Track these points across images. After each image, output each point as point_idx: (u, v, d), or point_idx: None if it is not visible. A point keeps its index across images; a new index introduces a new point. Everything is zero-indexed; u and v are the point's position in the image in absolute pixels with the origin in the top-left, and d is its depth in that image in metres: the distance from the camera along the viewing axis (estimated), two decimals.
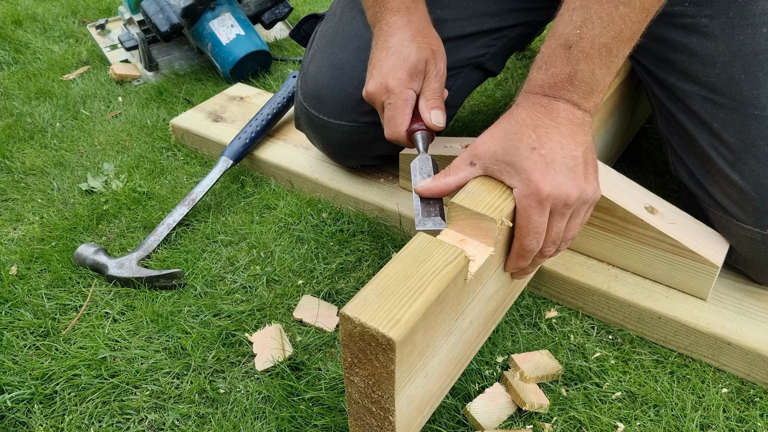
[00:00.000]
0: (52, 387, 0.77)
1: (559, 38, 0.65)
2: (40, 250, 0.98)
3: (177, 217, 1.01)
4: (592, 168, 0.66)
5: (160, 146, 1.24)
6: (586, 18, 0.64)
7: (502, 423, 0.73)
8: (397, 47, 0.80)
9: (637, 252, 0.83)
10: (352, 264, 0.96)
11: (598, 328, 0.86)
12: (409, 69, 0.78)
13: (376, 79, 0.79)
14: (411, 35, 0.80)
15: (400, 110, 0.78)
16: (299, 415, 0.74)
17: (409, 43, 0.79)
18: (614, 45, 0.64)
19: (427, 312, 0.54)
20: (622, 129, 1.04)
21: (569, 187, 0.63)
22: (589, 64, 0.64)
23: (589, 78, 0.65)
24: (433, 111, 0.78)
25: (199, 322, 0.86)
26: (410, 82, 0.78)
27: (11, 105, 1.37)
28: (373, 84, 0.80)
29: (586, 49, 0.64)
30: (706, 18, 0.80)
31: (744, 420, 0.74)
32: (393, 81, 0.78)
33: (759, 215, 0.78)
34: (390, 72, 0.79)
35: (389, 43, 0.80)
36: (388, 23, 0.82)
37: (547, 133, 0.64)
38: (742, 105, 0.78)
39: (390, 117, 0.79)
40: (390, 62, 0.79)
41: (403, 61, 0.79)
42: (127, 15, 1.54)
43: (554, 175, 0.62)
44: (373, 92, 0.80)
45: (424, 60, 0.79)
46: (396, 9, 0.82)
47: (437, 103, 0.79)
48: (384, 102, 0.79)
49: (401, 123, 0.79)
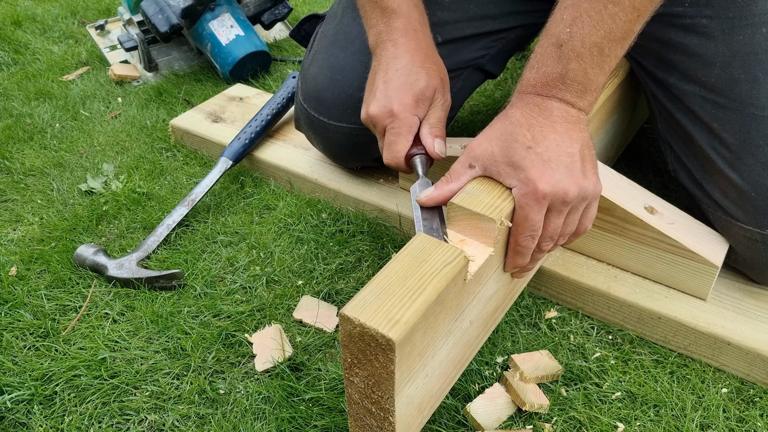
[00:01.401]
0: (52, 388, 0.77)
1: (551, 37, 0.66)
2: (40, 250, 0.98)
3: (177, 218, 1.01)
4: (590, 164, 0.66)
5: (160, 147, 1.24)
6: (576, 16, 0.64)
7: (502, 423, 0.73)
8: (405, 71, 0.77)
9: (636, 252, 0.83)
10: (351, 264, 0.96)
11: (597, 328, 0.86)
12: (416, 95, 0.76)
13: (380, 102, 0.77)
14: (420, 60, 0.78)
15: (403, 136, 0.76)
16: (299, 416, 0.74)
17: (418, 68, 0.77)
18: (605, 44, 0.65)
19: (426, 312, 0.54)
20: (622, 129, 1.05)
21: (567, 185, 0.63)
22: (580, 63, 0.65)
23: (581, 77, 0.65)
24: (436, 139, 0.77)
25: (199, 323, 0.86)
26: (416, 108, 0.76)
27: (11, 106, 1.37)
28: (377, 107, 0.77)
29: (576, 48, 0.64)
30: (705, 18, 0.80)
31: (744, 420, 0.74)
32: (399, 106, 0.75)
33: (758, 215, 0.78)
34: (395, 96, 0.76)
35: (395, 65, 0.78)
36: (395, 44, 0.79)
37: (542, 132, 0.64)
38: (741, 105, 0.78)
39: (391, 142, 0.76)
40: (396, 86, 0.76)
41: (410, 87, 0.76)
42: (126, 16, 1.54)
43: (551, 173, 0.63)
44: (375, 115, 0.77)
45: (433, 88, 0.77)
46: (404, 31, 0.79)
47: (441, 132, 0.78)
48: (387, 126, 0.77)
49: (403, 149, 0.76)
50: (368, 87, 0.80)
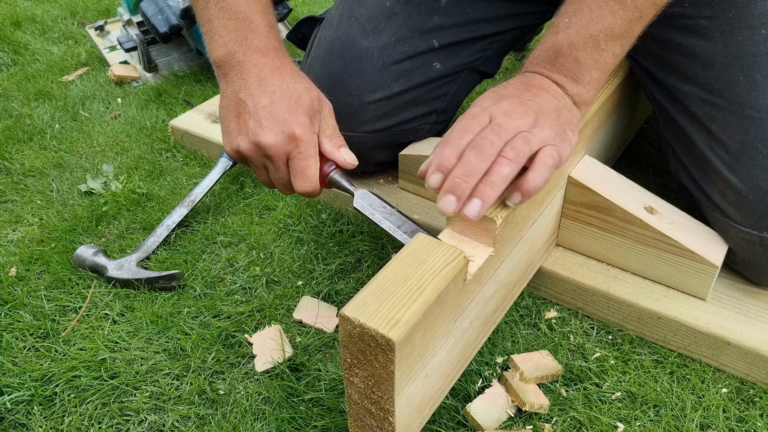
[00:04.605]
0: (52, 388, 0.77)
1: (552, 27, 0.70)
2: (40, 251, 0.98)
3: (176, 219, 1.01)
4: (547, 118, 0.64)
5: (160, 147, 1.24)
6: (577, 9, 0.68)
7: (502, 423, 0.73)
8: (283, 91, 0.71)
9: (636, 252, 0.84)
10: (351, 265, 0.96)
11: (597, 328, 0.86)
12: (307, 112, 0.71)
13: (274, 129, 0.69)
14: (290, 76, 0.73)
15: (313, 158, 0.71)
16: (299, 416, 0.74)
17: (294, 84, 0.72)
18: (602, 38, 0.67)
19: (426, 312, 0.54)
20: (622, 129, 1.05)
21: (510, 107, 0.64)
22: (572, 50, 0.67)
23: (571, 63, 0.68)
24: (342, 149, 0.74)
25: (199, 324, 0.86)
26: (312, 125, 0.72)
27: (10, 106, 1.37)
28: (272, 135, 0.69)
29: (571, 36, 0.67)
30: (705, 19, 0.80)
31: (744, 420, 0.74)
32: (299, 128, 0.70)
33: (756, 218, 0.78)
34: (291, 119, 0.70)
35: (267, 88, 0.71)
36: (257, 65, 0.72)
37: (507, 86, 0.68)
38: (740, 107, 0.78)
39: (303, 168, 0.71)
40: (283, 108, 0.70)
41: (299, 105, 0.71)
42: (126, 16, 1.54)
43: (503, 100, 0.65)
44: (273, 144, 0.69)
45: (317, 99, 0.74)
46: (264, 50, 0.73)
47: (342, 141, 0.75)
48: (291, 152, 0.70)
49: (317, 172, 0.72)
50: (234, 117, 0.72)
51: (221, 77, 0.74)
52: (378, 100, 0.92)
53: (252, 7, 0.73)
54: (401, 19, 0.92)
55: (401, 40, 0.91)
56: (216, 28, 0.73)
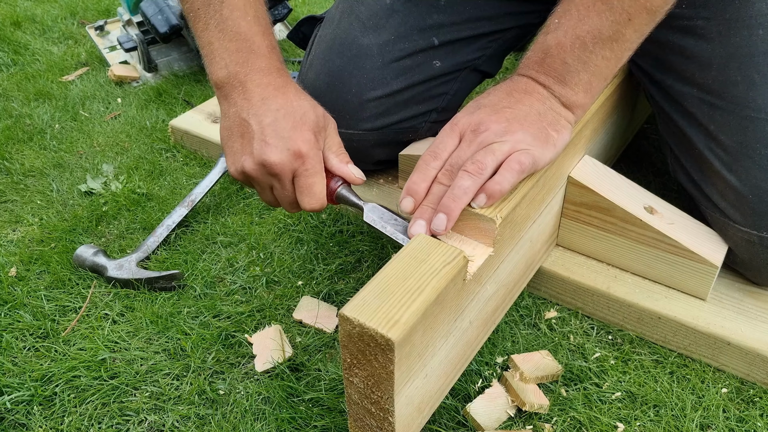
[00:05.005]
0: (52, 388, 0.77)
1: (543, 27, 0.70)
2: (40, 251, 0.98)
3: (176, 219, 1.01)
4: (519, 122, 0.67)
5: (160, 147, 1.24)
6: (567, 9, 0.68)
7: (502, 423, 0.73)
8: (287, 109, 0.70)
9: (636, 252, 0.84)
10: (351, 265, 0.96)
11: (597, 328, 0.86)
12: (313, 129, 0.71)
13: (279, 147, 0.68)
14: (293, 94, 0.72)
15: (320, 175, 0.71)
16: (299, 416, 0.74)
17: (299, 102, 0.72)
18: (588, 39, 0.67)
19: (426, 312, 0.54)
20: (622, 129, 1.05)
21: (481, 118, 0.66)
22: (560, 50, 0.68)
23: (559, 65, 0.68)
24: (349, 165, 0.74)
25: (199, 324, 0.86)
26: (318, 142, 0.71)
27: (10, 106, 1.37)
28: (277, 153, 0.68)
29: (559, 37, 0.68)
30: (702, 20, 0.80)
31: (744, 420, 0.74)
32: (305, 145, 0.69)
33: (756, 218, 0.78)
34: (296, 136, 0.69)
35: (271, 106, 0.70)
36: (260, 85, 0.71)
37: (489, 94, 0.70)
38: (738, 107, 0.78)
39: (311, 185, 0.70)
40: (288, 125, 0.69)
41: (304, 122, 0.70)
42: (126, 16, 1.54)
43: (477, 112, 0.67)
44: (279, 162, 0.68)
45: (321, 115, 0.73)
46: (266, 70, 0.72)
47: (348, 157, 0.75)
48: (297, 170, 0.70)
49: (324, 188, 0.72)
50: (237, 137, 0.71)
51: (222, 98, 0.74)
52: (378, 97, 0.92)
53: (253, 28, 0.73)
54: (401, 17, 0.92)
55: (401, 37, 0.91)
56: (217, 50, 0.73)
